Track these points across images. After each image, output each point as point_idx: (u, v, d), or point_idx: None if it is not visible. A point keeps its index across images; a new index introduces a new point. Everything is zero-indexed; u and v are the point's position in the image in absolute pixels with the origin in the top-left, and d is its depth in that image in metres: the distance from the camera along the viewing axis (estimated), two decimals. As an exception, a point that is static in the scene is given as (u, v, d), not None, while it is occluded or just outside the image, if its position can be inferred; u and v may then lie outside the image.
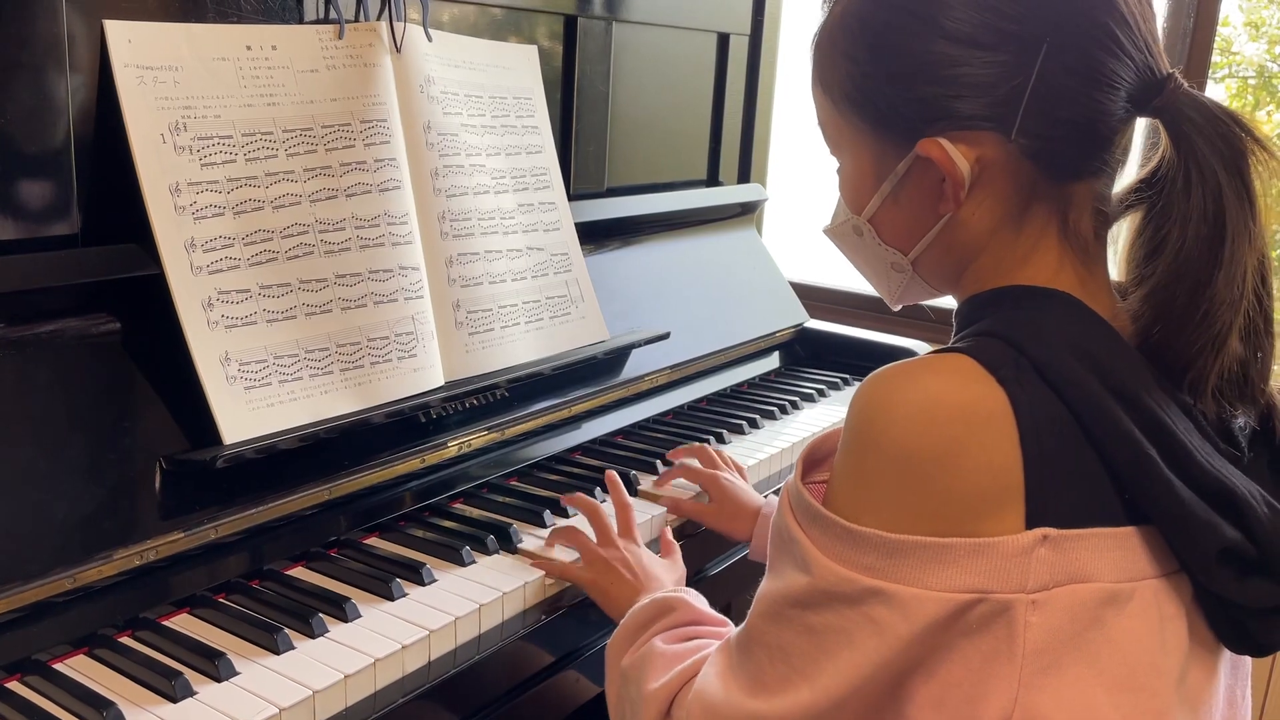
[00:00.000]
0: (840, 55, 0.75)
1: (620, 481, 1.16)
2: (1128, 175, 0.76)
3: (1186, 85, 0.70)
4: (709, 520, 1.20)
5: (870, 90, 0.74)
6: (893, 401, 0.66)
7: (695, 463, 1.28)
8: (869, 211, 0.78)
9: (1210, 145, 0.68)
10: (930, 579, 0.64)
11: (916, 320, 2.07)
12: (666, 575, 1.04)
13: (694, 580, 1.21)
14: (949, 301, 0.82)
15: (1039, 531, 0.63)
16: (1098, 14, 0.69)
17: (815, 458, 0.76)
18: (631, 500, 1.18)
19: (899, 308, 0.85)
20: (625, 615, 0.93)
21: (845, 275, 2.27)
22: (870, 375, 0.68)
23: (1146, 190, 0.73)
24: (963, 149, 0.71)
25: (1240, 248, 0.67)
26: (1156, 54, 0.71)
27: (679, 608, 0.90)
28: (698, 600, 0.92)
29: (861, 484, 0.67)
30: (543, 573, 1.04)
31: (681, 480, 1.26)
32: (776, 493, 1.30)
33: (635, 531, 1.09)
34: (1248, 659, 0.76)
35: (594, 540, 1.07)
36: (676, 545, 1.12)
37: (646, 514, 1.18)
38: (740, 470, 1.28)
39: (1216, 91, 2.14)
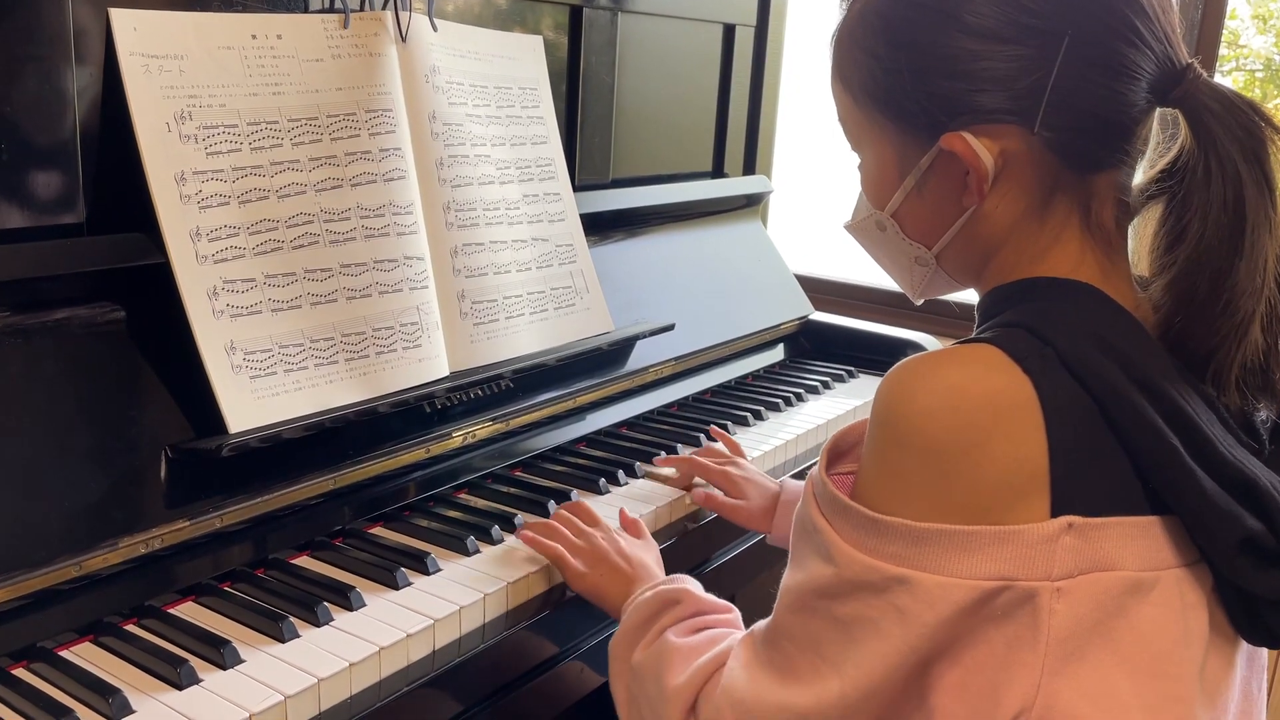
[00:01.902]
0: (861, 51, 0.75)
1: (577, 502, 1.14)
2: (1148, 165, 0.76)
3: (1205, 75, 0.70)
4: (739, 517, 1.19)
5: (892, 86, 0.74)
6: (918, 393, 0.66)
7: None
8: (892, 206, 0.78)
9: (1229, 134, 0.68)
10: (955, 566, 0.64)
11: (920, 313, 2.07)
12: (648, 555, 1.03)
13: (699, 571, 1.21)
14: (965, 295, 0.82)
15: (1064, 519, 0.64)
16: (1118, 6, 0.69)
17: (840, 448, 0.76)
18: (626, 489, 1.19)
19: (921, 302, 0.85)
20: (626, 610, 0.92)
21: (850, 268, 2.27)
22: (895, 366, 0.69)
23: (1167, 180, 0.74)
24: (986, 142, 0.71)
25: (1260, 236, 0.67)
26: (1176, 44, 0.71)
27: (684, 599, 0.89)
28: (697, 588, 0.92)
29: (888, 475, 0.68)
30: (547, 562, 1.04)
31: (668, 471, 1.26)
32: (798, 477, 1.30)
33: (600, 519, 1.07)
34: (1264, 652, 0.76)
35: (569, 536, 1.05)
36: (641, 523, 1.11)
37: (639, 511, 1.17)
38: (738, 450, 1.28)
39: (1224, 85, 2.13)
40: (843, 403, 1.59)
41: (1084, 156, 0.72)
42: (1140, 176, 0.76)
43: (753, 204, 1.86)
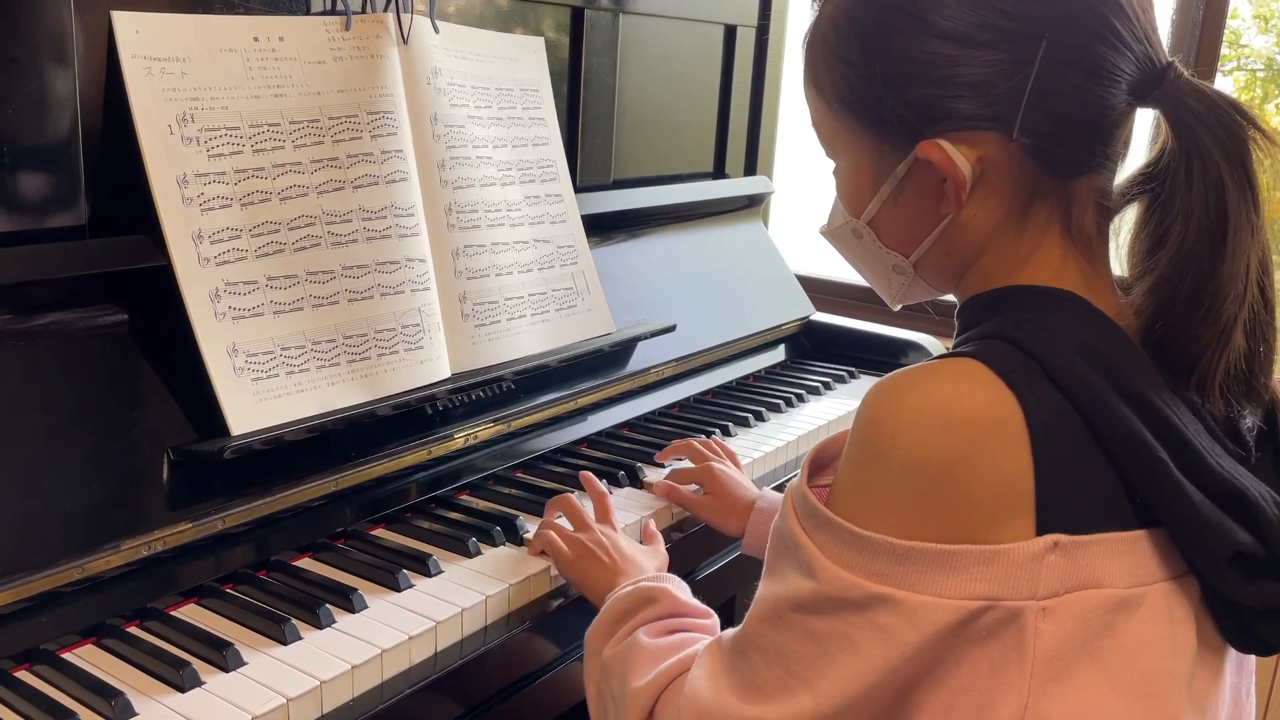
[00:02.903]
0: (833, 56, 0.74)
1: (593, 477, 1.15)
2: (1129, 167, 0.74)
3: (1187, 74, 0.69)
4: (703, 512, 1.18)
5: (865, 92, 0.72)
6: (902, 409, 0.64)
7: (687, 462, 1.26)
8: (868, 214, 0.77)
9: (1211, 135, 0.66)
10: (940, 586, 0.63)
11: (921, 314, 2.06)
12: (646, 561, 1.01)
13: (689, 578, 1.20)
14: (953, 296, 0.82)
15: (1050, 538, 0.62)
16: (1096, 6, 0.68)
17: (821, 460, 0.74)
18: (629, 491, 1.18)
19: (899, 308, 0.84)
20: (605, 601, 0.91)
21: (851, 268, 2.27)
22: (877, 383, 0.67)
23: (1148, 183, 0.72)
24: (963, 150, 0.69)
25: (1243, 240, 0.66)
26: (1155, 44, 0.70)
27: (661, 598, 0.88)
28: (680, 590, 0.90)
29: (870, 492, 0.66)
30: (548, 564, 1.04)
31: (679, 471, 1.25)
32: (780, 487, 1.30)
33: (612, 519, 1.07)
34: (1251, 658, 0.75)
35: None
36: (659, 534, 1.10)
37: (636, 515, 1.16)
38: (735, 459, 1.27)
39: (1225, 84, 2.14)
40: (844, 403, 1.59)
41: (1064, 161, 0.70)
42: (1121, 177, 0.74)
43: (754, 205, 1.86)
